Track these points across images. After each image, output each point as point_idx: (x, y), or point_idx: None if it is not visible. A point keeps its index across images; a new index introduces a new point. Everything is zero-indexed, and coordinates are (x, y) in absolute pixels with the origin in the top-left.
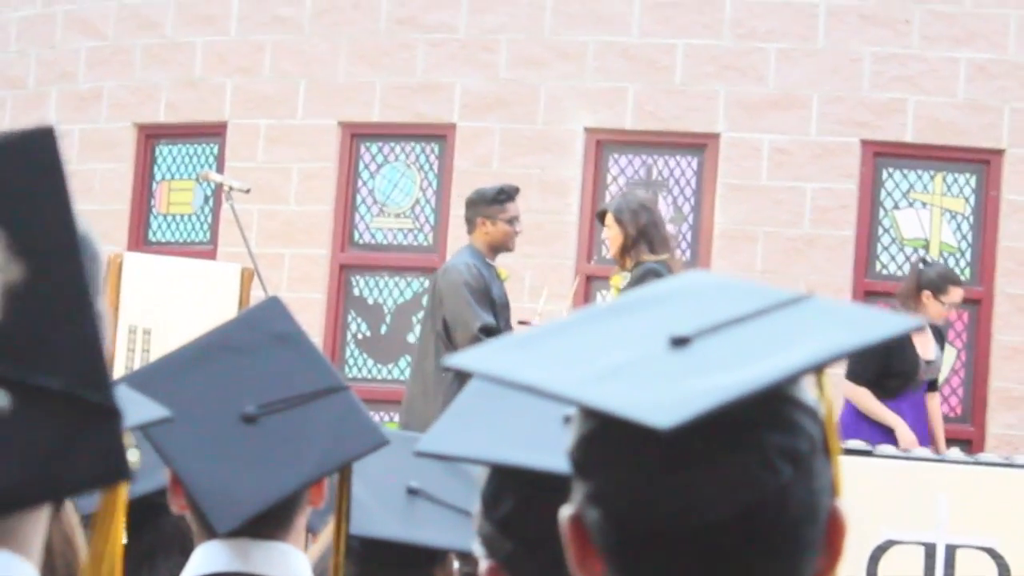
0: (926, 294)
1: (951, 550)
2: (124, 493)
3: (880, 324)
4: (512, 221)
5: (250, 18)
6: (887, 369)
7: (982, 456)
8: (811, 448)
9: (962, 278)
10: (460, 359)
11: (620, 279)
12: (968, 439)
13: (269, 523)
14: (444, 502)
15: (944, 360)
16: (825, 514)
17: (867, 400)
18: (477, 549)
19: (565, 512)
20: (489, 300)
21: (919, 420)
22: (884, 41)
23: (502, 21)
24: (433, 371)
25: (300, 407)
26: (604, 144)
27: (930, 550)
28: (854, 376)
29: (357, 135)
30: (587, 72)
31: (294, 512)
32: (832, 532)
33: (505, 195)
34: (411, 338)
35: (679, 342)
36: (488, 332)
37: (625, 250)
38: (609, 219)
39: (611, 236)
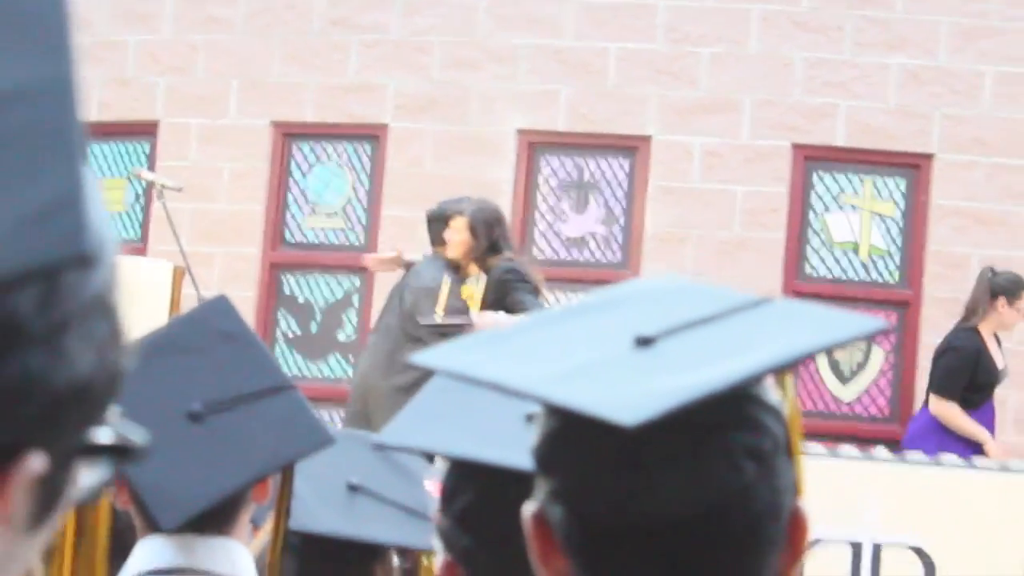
0: (1002, 301)
1: (878, 549)
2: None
3: (843, 326)
4: None
5: (183, 17)
6: (973, 383)
7: (909, 455)
8: (774, 448)
9: (890, 281)
10: (427, 357)
11: (473, 289)
12: (895, 439)
13: (214, 519)
14: (385, 498)
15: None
16: (787, 513)
17: (957, 416)
18: (435, 543)
19: (528, 509)
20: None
21: (991, 428)
22: (816, 46)
23: (435, 23)
24: (410, 385)
25: (246, 406)
26: (536, 146)
27: (857, 549)
28: (943, 391)
29: (289, 135)
30: (520, 74)
31: (238, 508)
32: (794, 531)
33: None
34: (341, 337)
35: (644, 342)
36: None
37: (472, 254)
38: (460, 224)
39: (458, 240)
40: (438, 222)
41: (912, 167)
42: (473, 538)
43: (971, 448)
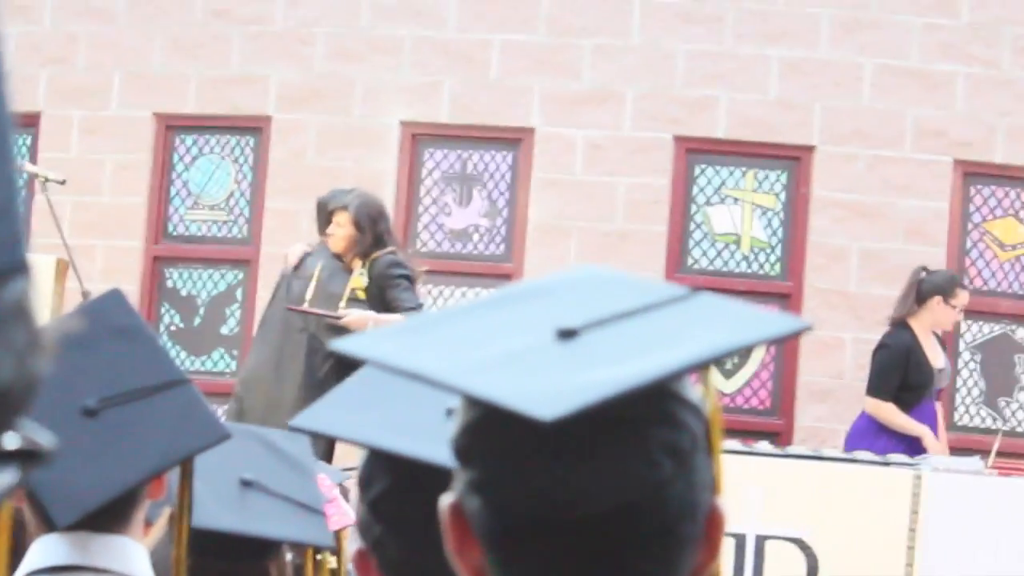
0: (936, 300)
1: (761, 541)
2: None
3: (766, 324)
4: None
5: (64, 8)
6: (905, 382)
7: (791, 449)
8: (693, 444)
9: (771, 273)
10: (347, 344)
11: (359, 279)
12: (777, 432)
13: (109, 516)
14: (278, 493)
15: (947, 369)
16: (705, 510)
17: (893, 414)
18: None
19: (446, 500)
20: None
21: (932, 427)
22: (697, 38)
23: (318, 14)
24: (301, 375)
25: (141, 400)
26: (419, 138)
27: (740, 541)
28: (877, 391)
29: (172, 127)
30: (403, 66)
31: (134, 505)
32: (711, 528)
33: None
34: (224, 330)
35: (566, 334)
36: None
37: (355, 245)
38: (343, 218)
39: (341, 235)
40: (324, 212)
41: (793, 159)
42: (384, 527)
43: (913, 447)
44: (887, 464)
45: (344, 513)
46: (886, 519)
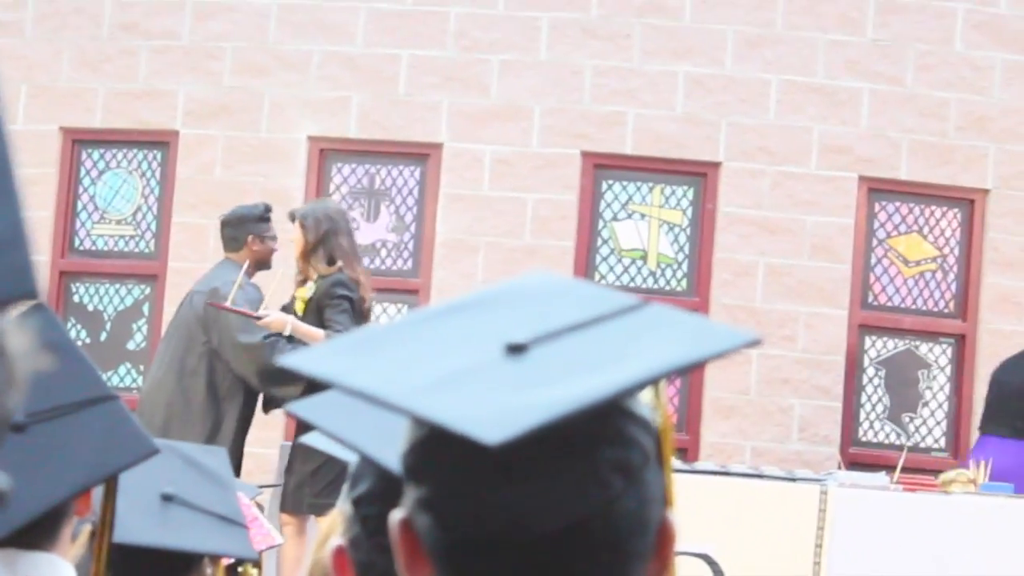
0: None
1: None
2: None
3: (717, 338)
4: (274, 238)
5: None
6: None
7: (698, 464)
8: (643, 461)
9: (678, 288)
10: (294, 359)
11: (305, 291)
12: (684, 448)
13: (37, 533)
14: (199, 507)
15: None
16: (656, 524)
17: None
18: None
19: (396, 515)
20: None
21: None
22: (605, 54)
23: (226, 29)
24: (203, 390)
25: (69, 416)
26: (327, 153)
27: None
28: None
29: (78, 141)
30: (311, 81)
31: (61, 522)
32: (662, 542)
33: (270, 212)
34: (131, 345)
35: (515, 349)
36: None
37: (305, 256)
38: (296, 223)
39: (295, 240)
40: (229, 227)
41: (699, 175)
42: (362, 526)
43: None
44: (794, 480)
45: (267, 534)
46: (793, 534)
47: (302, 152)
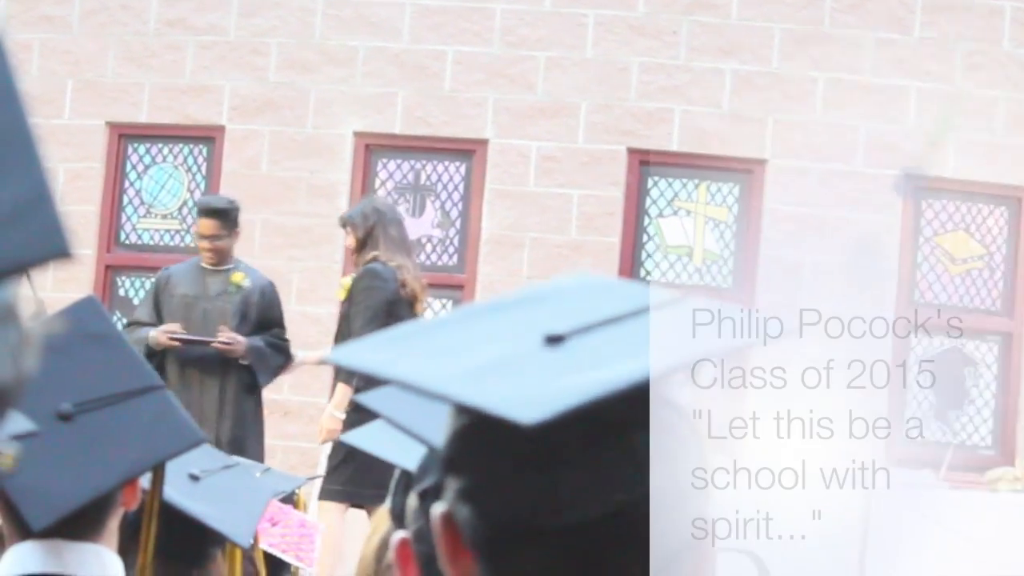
0: None
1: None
2: None
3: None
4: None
5: (17, 17)
6: None
7: None
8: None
9: (723, 284)
10: (339, 355)
11: (347, 280)
12: None
13: (83, 524)
14: (220, 488)
15: None
16: None
17: None
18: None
19: (437, 509)
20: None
21: None
22: (651, 51)
23: (272, 24)
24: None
25: (116, 406)
26: (373, 149)
27: None
28: None
29: (125, 136)
30: (357, 77)
31: (107, 513)
32: None
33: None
34: None
35: (553, 340)
36: None
37: (358, 252)
38: (347, 228)
39: (347, 244)
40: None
41: (745, 172)
42: (427, 519)
43: None
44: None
45: (311, 542)
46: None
47: (348, 148)
